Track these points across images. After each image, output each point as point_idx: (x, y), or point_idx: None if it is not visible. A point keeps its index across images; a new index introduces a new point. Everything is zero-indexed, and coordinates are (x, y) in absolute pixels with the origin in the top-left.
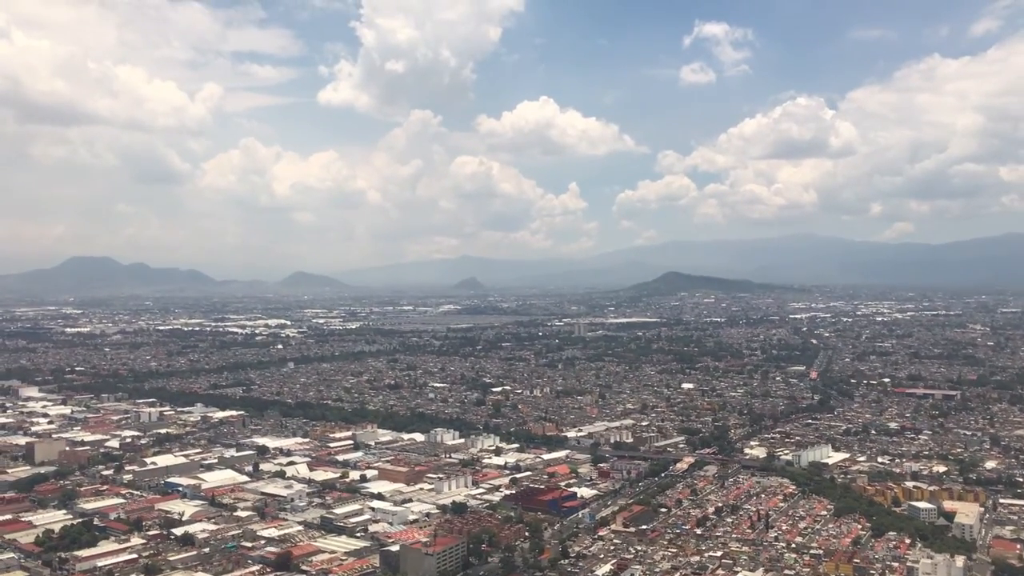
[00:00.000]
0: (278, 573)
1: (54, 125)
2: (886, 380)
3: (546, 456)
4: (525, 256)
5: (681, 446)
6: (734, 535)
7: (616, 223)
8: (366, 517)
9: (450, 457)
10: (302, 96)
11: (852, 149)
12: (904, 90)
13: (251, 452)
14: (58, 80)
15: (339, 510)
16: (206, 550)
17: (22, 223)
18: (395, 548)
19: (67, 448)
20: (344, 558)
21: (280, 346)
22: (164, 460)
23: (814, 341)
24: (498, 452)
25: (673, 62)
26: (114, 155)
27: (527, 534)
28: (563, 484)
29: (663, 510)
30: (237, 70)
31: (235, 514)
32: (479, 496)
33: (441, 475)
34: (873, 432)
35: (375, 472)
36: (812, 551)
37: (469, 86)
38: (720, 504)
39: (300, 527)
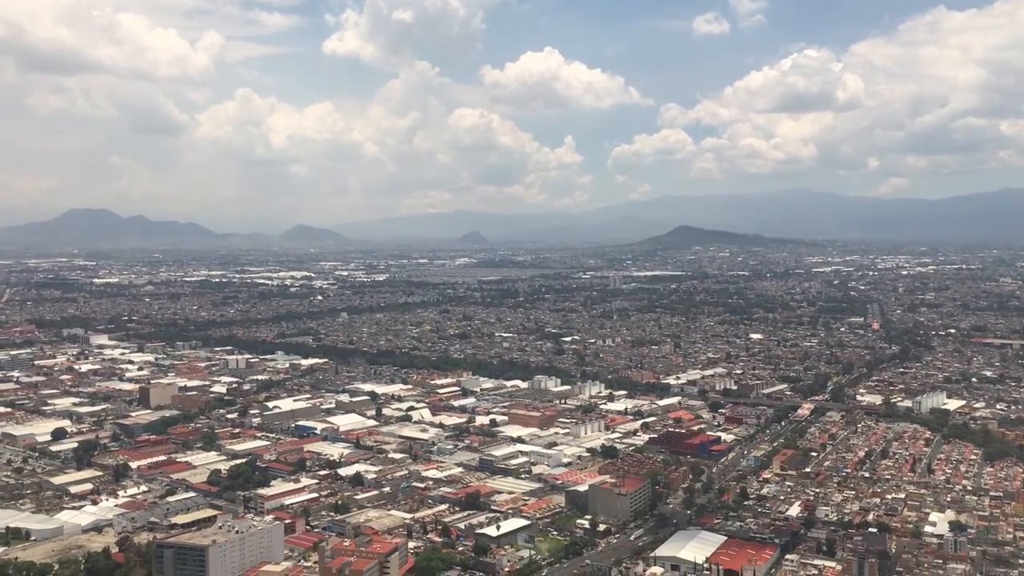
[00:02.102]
0: (468, 512)
1: (54, 74)
2: (951, 331)
3: (660, 403)
4: (519, 211)
5: (788, 393)
6: (904, 478)
7: (611, 177)
8: (524, 459)
9: (564, 403)
10: (305, 46)
11: (858, 103)
12: (908, 43)
13: (366, 398)
14: (61, 27)
15: (496, 452)
16: (387, 489)
17: (19, 175)
18: (582, 488)
19: (179, 393)
20: (526, 498)
21: (320, 297)
22: (286, 405)
23: (853, 294)
24: (611, 398)
25: (687, 12)
26: (113, 105)
27: (691, 476)
28: (694, 429)
29: (813, 454)
30: (242, 17)
31: (389, 456)
32: (617, 440)
33: (573, 420)
34: (974, 380)
35: (504, 417)
36: (991, 493)
37: (477, 36)
38: (867, 448)
39: (459, 469)
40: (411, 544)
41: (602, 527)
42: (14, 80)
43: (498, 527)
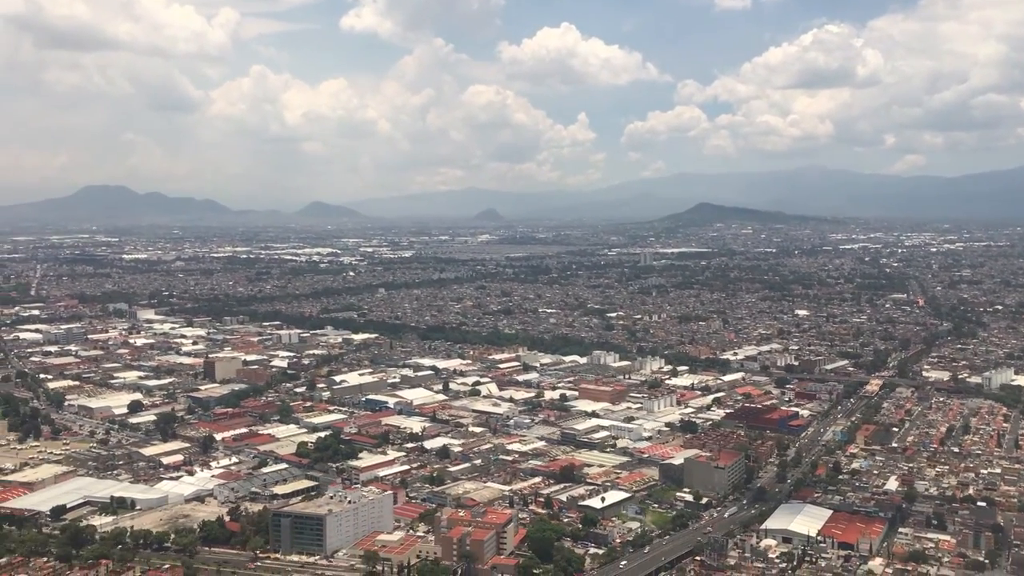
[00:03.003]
0: (564, 484)
1: (71, 50)
2: (998, 307)
3: (725, 378)
4: (531, 188)
5: (850, 369)
6: (993, 453)
7: (624, 155)
8: (606, 433)
9: (628, 378)
10: (321, 22)
11: (876, 79)
12: (928, 18)
13: (429, 372)
14: (79, 3)
15: (578, 426)
16: (478, 462)
17: (35, 151)
18: (676, 462)
19: (243, 367)
20: (618, 471)
21: (352, 273)
22: (352, 379)
23: (888, 270)
24: (675, 373)
25: None
26: (128, 82)
27: (776, 451)
28: (767, 404)
29: (894, 429)
30: None
31: (470, 429)
32: (692, 415)
33: (644, 395)
34: None
35: (574, 392)
36: None
37: (496, 12)
38: (947, 424)
39: (542, 442)
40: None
41: (699, 500)
42: (31, 56)
43: (603, 499)
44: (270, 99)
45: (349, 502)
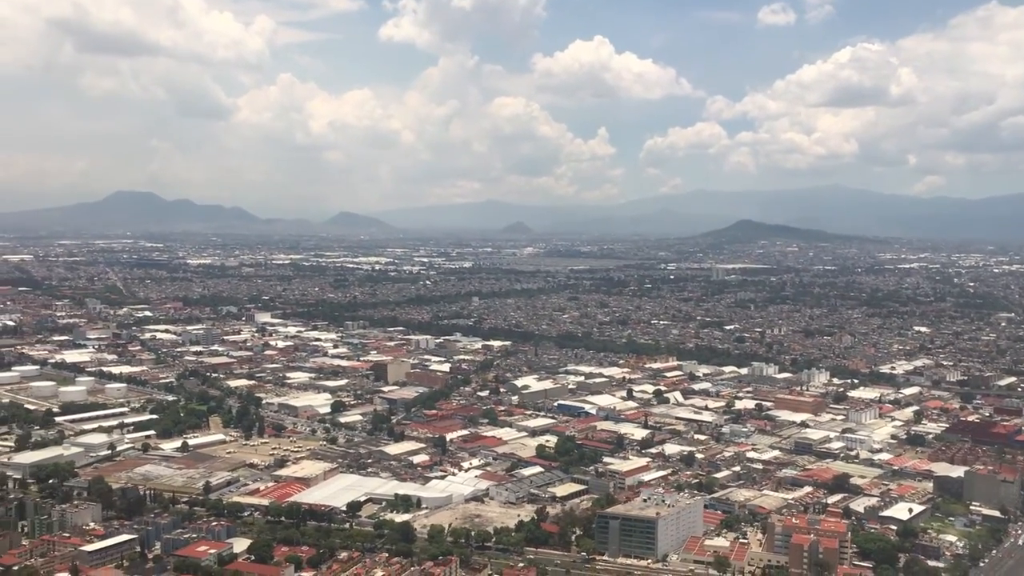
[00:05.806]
0: (843, 495)
1: (112, 55)
2: None
3: (904, 392)
4: (549, 202)
5: (1022, 387)
6: None
7: (642, 170)
8: (841, 444)
9: (807, 389)
10: (354, 32)
11: (905, 98)
12: (958, 39)
13: (605, 379)
14: (125, 9)
15: (813, 436)
16: (736, 468)
17: (59, 156)
18: (954, 475)
19: (411, 370)
20: (885, 483)
21: (428, 282)
22: (533, 384)
23: (969, 289)
24: (853, 386)
25: (753, 3)
26: (162, 88)
27: None
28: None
29: None
30: (294, 2)
31: (695, 437)
32: (903, 428)
33: (845, 407)
34: None
35: (768, 402)
36: None
37: (535, 24)
38: None
39: (777, 451)
40: None
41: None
42: (70, 60)
43: (910, 510)
44: (296, 108)
45: (669, 506)
